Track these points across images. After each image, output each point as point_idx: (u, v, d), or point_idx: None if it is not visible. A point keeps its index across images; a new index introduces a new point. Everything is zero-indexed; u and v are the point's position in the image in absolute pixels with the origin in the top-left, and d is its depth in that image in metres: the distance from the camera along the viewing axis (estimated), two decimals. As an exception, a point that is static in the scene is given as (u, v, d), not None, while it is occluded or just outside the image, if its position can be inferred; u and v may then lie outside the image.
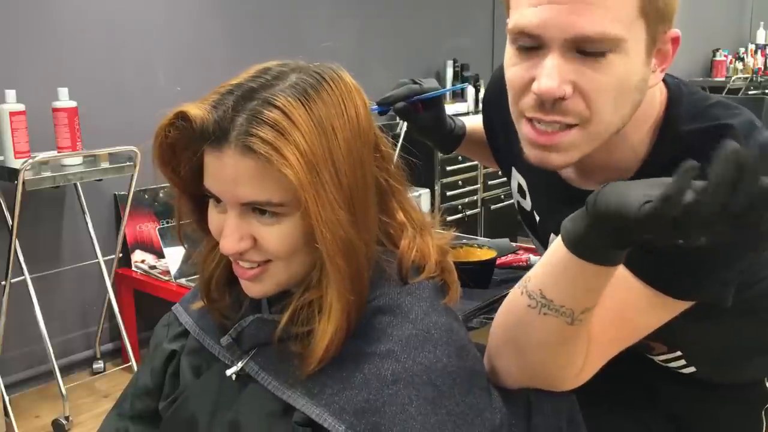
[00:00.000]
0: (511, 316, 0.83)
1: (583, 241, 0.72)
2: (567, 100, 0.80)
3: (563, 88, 0.79)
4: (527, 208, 1.11)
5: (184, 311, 0.95)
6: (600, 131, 0.83)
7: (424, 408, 0.74)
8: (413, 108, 1.19)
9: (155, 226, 2.96)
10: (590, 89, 0.79)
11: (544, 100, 0.80)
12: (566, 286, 0.76)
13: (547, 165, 0.86)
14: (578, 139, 0.83)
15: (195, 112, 0.74)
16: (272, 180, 0.73)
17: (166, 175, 0.82)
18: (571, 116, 0.81)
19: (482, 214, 4.14)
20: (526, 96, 0.83)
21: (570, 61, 0.79)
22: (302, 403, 0.77)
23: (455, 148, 1.31)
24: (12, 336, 2.58)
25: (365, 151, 0.78)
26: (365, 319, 0.80)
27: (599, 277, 0.75)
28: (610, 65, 0.78)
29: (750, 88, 5.78)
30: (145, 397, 0.96)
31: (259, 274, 0.80)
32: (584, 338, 0.81)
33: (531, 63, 0.81)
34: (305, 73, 0.77)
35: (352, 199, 0.76)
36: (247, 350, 0.85)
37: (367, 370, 0.76)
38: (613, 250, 0.72)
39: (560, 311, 0.77)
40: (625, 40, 0.77)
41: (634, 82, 0.81)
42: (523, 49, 0.82)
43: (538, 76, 0.80)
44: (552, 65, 0.79)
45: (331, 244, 0.74)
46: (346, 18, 3.76)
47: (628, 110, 0.83)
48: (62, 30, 2.70)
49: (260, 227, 0.77)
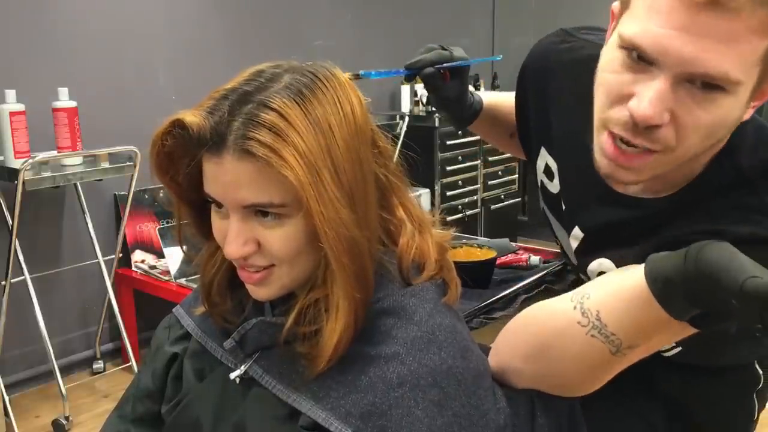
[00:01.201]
0: (551, 323, 0.82)
1: (669, 285, 0.71)
2: (660, 129, 0.76)
3: (662, 117, 0.74)
4: (553, 191, 1.08)
5: (186, 314, 0.95)
6: (678, 159, 0.80)
7: (431, 410, 0.74)
8: (441, 76, 1.14)
9: (155, 226, 2.96)
10: (687, 123, 0.75)
11: (639, 124, 0.76)
12: (628, 318, 0.75)
13: (616, 179, 0.84)
14: (655, 164, 0.80)
15: (191, 120, 0.73)
16: (272, 182, 0.73)
17: (164, 183, 0.82)
18: (658, 144, 0.77)
19: (482, 214, 4.14)
20: (619, 109, 0.78)
21: (677, 90, 0.74)
22: (308, 406, 0.77)
23: (470, 123, 1.27)
24: (12, 336, 2.58)
25: (363, 147, 0.78)
26: (370, 322, 0.79)
27: (662, 325, 0.74)
28: (715, 104, 0.74)
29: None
30: (146, 400, 0.95)
31: (265, 278, 0.80)
32: (614, 370, 0.81)
33: (636, 77, 0.76)
34: (299, 73, 0.77)
35: (353, 197, 0.76)
36: (251, 353, 0.85)
37: (372, 373, 0.76)
38: (688, 305, 0.71)
39: (609, 339, 0.76)
40: (742, 84, 0.73)
41: (731, 121, 0.78)
42: (633, 59, 0.76)
43: (641, 97, 0.75)
44: (659, 92, 0.73)
45: (335, 243, 0.73)
46: (346, 18, 3.76)
47: (712, 143, 0.80)
48: (62, 30, 2.70)
49: (263, 230, 0.76)
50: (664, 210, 0.85)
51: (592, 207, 0.97)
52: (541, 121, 1.08)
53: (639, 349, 0.79)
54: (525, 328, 0.85)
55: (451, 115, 1.25)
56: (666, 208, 0.85)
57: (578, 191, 1.02)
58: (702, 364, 1.06)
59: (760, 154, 0.84)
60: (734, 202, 0.83)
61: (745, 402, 1.09)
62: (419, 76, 1.13)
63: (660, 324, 0.74)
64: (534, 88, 1.10)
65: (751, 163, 0.83)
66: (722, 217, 0.77)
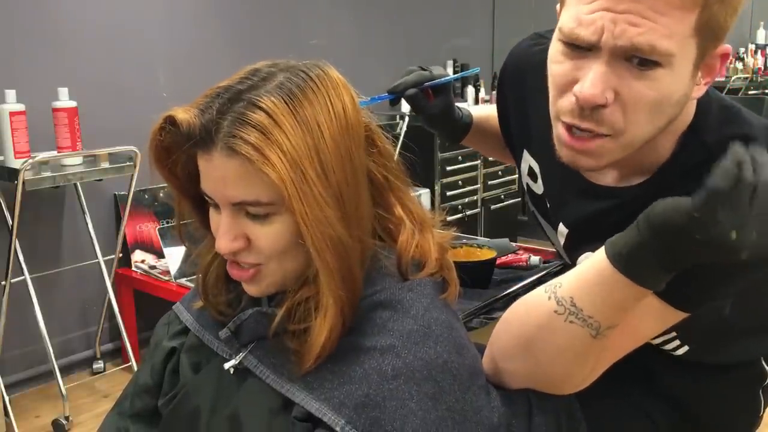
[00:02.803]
0: (531, 318, 0.83)
1: (630, 255, 0.73)
2: (605, 109, 0.79)
3: (605, 96, 0.78)
4: (538, 192, 1.11)
5: (185, 309, 0.96)
6: (632, 142, 0.83)
7: (425, 403, 0.74)
8: (424, 95, 1.18)
9: (155, 226, 2.96)
10: (631, 100, 0.79)
11: (583, 105, 0.80)
12: (600, 299, 0.76)
13: (577, 166, 0.87)
14: (609, 148, 0.83)
15: (182, 117, 0.75)
16: (258, 180, 0.74)
17: (163, 175, 0.83)
18: (605, 127, 0.81)
19: (482, 214, 4.14)
20: (566, 96, 0.83)
21: (616, 69, 0.78)
22: (301, 397, 0.78)
23: (462, 138, 1.30)
24: (12, 336, 2.58)
25: (354, 146, 0.78)
26: (364, 314, 0.80)
27: (635, 297, 0.75)
28: (655, 79, 0.78)
29: (750, 88, 5.77)
30: (144, 395, 0.96)
31: (254, 276, 0.81)
32: (599, 352, 0.82)
33: (578, 63, 0.81)
34: (292, 72, 0.77)
35: (342, 196, 0.76)
36: (246, 344, 0.85)
37: (367, 364, 0.77)
38: (658, 271, 0.73)
39: (588, 322, 0.77)
40: (674, 56, 0.77)
41: (676, 97, 0.81)
42: (572, 47, 0.81)
43: (583, 80, 0.79)
44: (598, 72, 0.78)
45: (319, 242, 0.74)
46: (346, 18, 3.76)
47: (663, 123, 0.83)
48: (62, 30, 2.70)
49: (253, 227, 0.78)
50: (640, 196, 0.86)
51: (572, 202, 1.00)
52: (521, 125, 1.11)
53: (620, 330, 0.80)
54: (508, 328, 0.86)
55: (440, 131, 1.29)
56: (642, 195, 0.86)
57: (559, 188, 1.04)
58: (710, 362, 1.06)
59: (724, 130, 0.86)
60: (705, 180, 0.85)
61: (750, 399, 1.10)
62: (403, 98, 1.17)
63: (632, 297, 0.76)
64: (512, 92, 1.13)
65: (716, 140, 0.86)
66: None
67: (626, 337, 0.85)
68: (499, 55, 4.54)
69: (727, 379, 1.08)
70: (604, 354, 0.84)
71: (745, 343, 1.06)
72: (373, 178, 0.82)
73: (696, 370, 1.06)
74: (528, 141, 1.09)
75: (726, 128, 0.87)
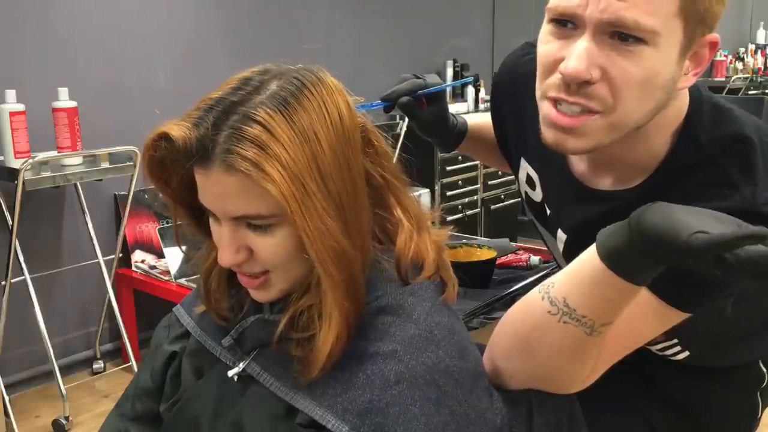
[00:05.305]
0: (527, 319, 0.83)
1: (621, 256, 0.71)
2: (593, 85, 0.80)
3: (590, 72, 0.79)
4: (537, 199, 1.11)
5: (186, 313, 0.96)
6: (621, 122, 0.83)
7: (428, 408, 0.74)
8: (417, 103, 1.18)
9: (155, 226, 2.96)
10: (617, 77, 0.79)
11: (569, 81, 0.80)
12: (592, 297, 0.76)
13: (563, 148, 0.86)
14: (598, 127, 0.83)
15: (176, 133, 0.74)
16: (259, 194, 0.73)
17: (158, 187, 0.82)
18: (594, 102, 0.81)
19: (482, 214, 4.14)
20: (553, 75, 0.83)
21: (602, 47, 0.79)
22: (305, 404, 0.77)
23: (457, 146, 1.30)
24: (12, 336, 2.58)
25: (351, 152, 0.78)
26: (367, 319, 0.80)
27: (627, 294, 0.75)
28: (640, 57, 0.78)
29: (750, 88, 5.78)
30: (145, 398, 0.96)
31: (263, 283, 0.81)
32: (597, 350, 0.82)
33: (563, 43, 0.82)
34: (285, 79, 0.76)
35: (342, 205, 0.76)
36: (249, 351, 0.85)
37: (370, 370, 0.76)
38: (648, 269, 0.72)
39: (581, 321, 0.77)
40: (659, 34, 0.78)
41: (662, 79, 0.81)
42: (558, 26, 0.82)
43: (568, 56, 0.80)
44: (583, 48, 0.79)
45: (322, 254, 0.74)
46: (345, 18, 3.75)
47: (651, 106, 0.83)
48: (62, 30, 2.70)
49: (255, 238, 0.77)
50: (637, 199, 0.86)
51: (570, 207, 1.00)
52: (517, 133, 1.11)
53: (622, 331, 0.80)
54: (507, 330, 0.86)
55: (434, 139, 1.28)
56: (638, 197, 0.86)
57: (558, 195, 1.04)
58: (709, 365, 1.06)
59: (717, 130, 0.87)
60: (700, 180, 0.85)
61: (749, 401, 1.10)
62: (397, 105, 1.16)
63: (624, 294, 0.75)
64: (507, 102, 1.13)
65: (709, 139, 0.86)
66: (692, 197, 0.78)
67: (628, 337, 0.85)
68: (499, 55, 4.54)
69: (726, 381, 1.08)
70: (605, 352, 0.84)
71: (745, 346, 1.06)
72: (371, 179, 0.82)
73: (694, 373, 1.06)
74: (525, 149, 1.09)
75: (719, 127, 0.87)
